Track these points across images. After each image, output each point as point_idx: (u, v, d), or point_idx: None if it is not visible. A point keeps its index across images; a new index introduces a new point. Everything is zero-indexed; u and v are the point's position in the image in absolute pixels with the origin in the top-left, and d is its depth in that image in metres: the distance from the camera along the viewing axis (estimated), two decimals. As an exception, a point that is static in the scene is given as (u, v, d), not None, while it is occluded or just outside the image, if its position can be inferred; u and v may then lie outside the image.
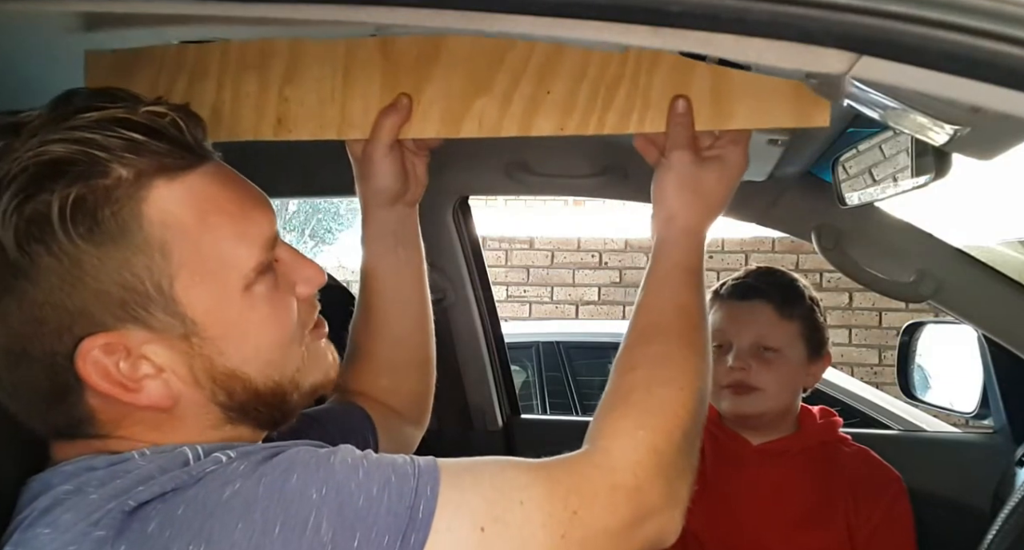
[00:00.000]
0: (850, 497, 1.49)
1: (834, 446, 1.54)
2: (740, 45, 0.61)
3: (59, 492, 0.68)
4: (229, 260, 0.71)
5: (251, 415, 0.76)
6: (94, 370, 0.68)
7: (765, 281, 1.53)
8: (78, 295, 0.67)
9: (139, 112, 0.69)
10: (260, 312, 0.73)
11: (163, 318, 0.69)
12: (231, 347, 0.72)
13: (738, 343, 1.48)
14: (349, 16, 0.67)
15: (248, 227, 0.73)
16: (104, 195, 0.66)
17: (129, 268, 0.67)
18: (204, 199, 0.71)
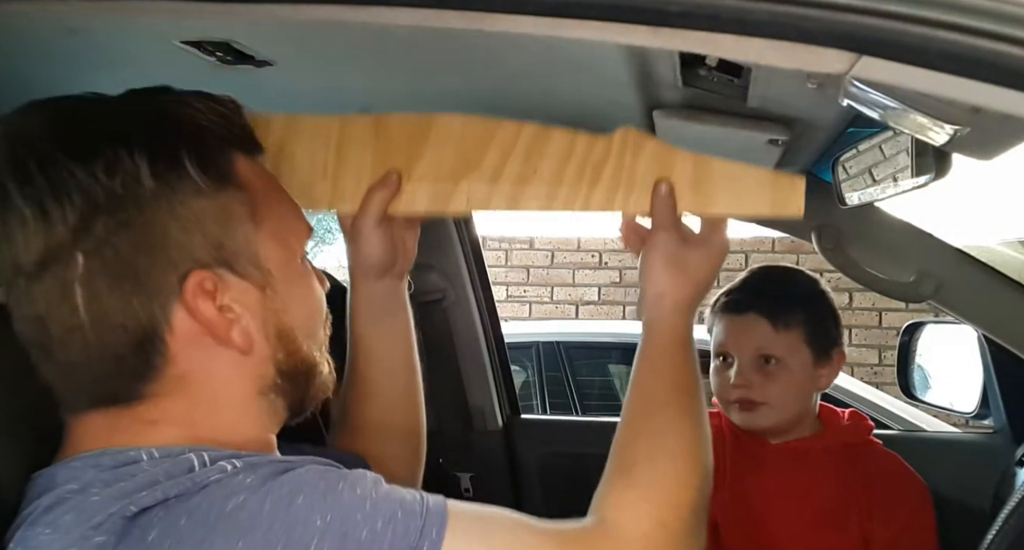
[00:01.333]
0: (865, 502, 1.49)
1: (860, 449, 1.53)
2: (740, 45, 0.61)
3: (63, 491, 0.69)
4: (293, 227, 0.82)
5: (291, 387, 0.81)
6: (197, 303, 0.73)
7: (757, 292, 1.52)
8: (190, 231, 0.73)
9: (219, 96, 0.80)
10: (308, 282, 0.83)
11: (248, 267, 0.77)
12: (292, 306, 0.80)
13: (739, 357, 1.48)
14: (349, 16, 0.67)
15: (298, 209, 0.85)
16: (215, 151, 0.76)
17: (229, 213, 0.76)
18: (268, 176, 0.83)
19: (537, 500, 1.81)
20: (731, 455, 1.53)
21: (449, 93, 1.25)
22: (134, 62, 1.04)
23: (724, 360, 1.50)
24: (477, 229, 1.81)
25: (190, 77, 1.05)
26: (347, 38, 0.95)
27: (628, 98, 1.11)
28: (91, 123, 0.73)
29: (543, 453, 1.82)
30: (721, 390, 1.50)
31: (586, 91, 1.18)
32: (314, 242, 10.89)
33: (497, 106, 1.34)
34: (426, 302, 1.75)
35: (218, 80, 1.03)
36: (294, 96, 1.21)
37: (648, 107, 1.15)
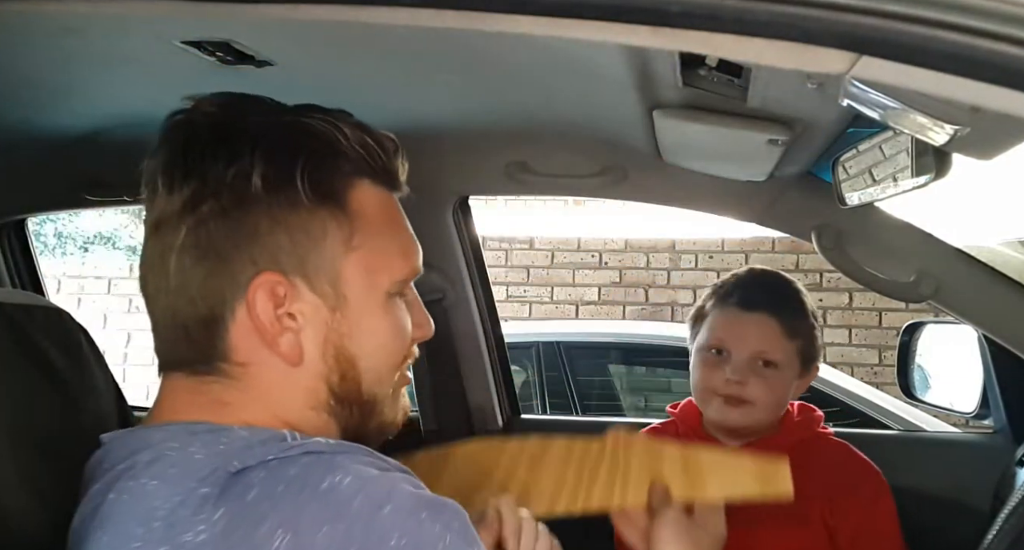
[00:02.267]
0: (824, 495, 1.48)
1: (813, 443, 1.52)
2: (740, 45, 0.61)
3: (163, 448, 0.73)
4: (388, 263, 0.82)
5: (345, 413, 0.82)
6: (258, 300, 0.76)
7: (771, 292, 1.50)
8: (279, 235, 0.77)
9: (377, 131, 0.84)
10: (389, 320, 0.83)
11: (325, 285, 0.78)
12: (360, 335, 0.81)
13: (737, 354, 1.46)
14: (349, 16, 0.67)
15: (409, 247, 0.86)
16: (330, 170, 0.79)
17: (323, 229, 0.78)
18: (390, 210, 0.85)
19: (537, 500, 1.81)
20: None
21: (449, 93, 1.25)
22: (134, 62, 1.04)
23: (718, 353, 1.49)
24: (477, 229, 1.81)
25: (190, 77, 1.05)
26: (347, 38, 0.95)
27: (628, 98, 1.11)
28: (238, 118, 0.79)
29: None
30: (708, 383, 1.48)
31: (586, 91, 1.18)
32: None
33: (497, 106, 1.34)
34: (426, 302, 1.74)
35: (218, 80, 1.03)
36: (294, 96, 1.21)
37: (648, 107, 1.15)
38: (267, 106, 0.81)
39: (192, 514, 0.68)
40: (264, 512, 0.68)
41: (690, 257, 5.77)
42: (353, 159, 0.81)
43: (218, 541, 0.67)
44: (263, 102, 0.82)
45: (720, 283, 1.54)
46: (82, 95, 1.17)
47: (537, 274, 5.99)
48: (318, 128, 0.79)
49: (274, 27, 0.90)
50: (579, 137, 1.49)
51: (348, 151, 0.80)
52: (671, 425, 1.59)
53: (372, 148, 0.82)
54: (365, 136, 0.82)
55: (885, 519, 1.48)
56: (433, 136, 1.50)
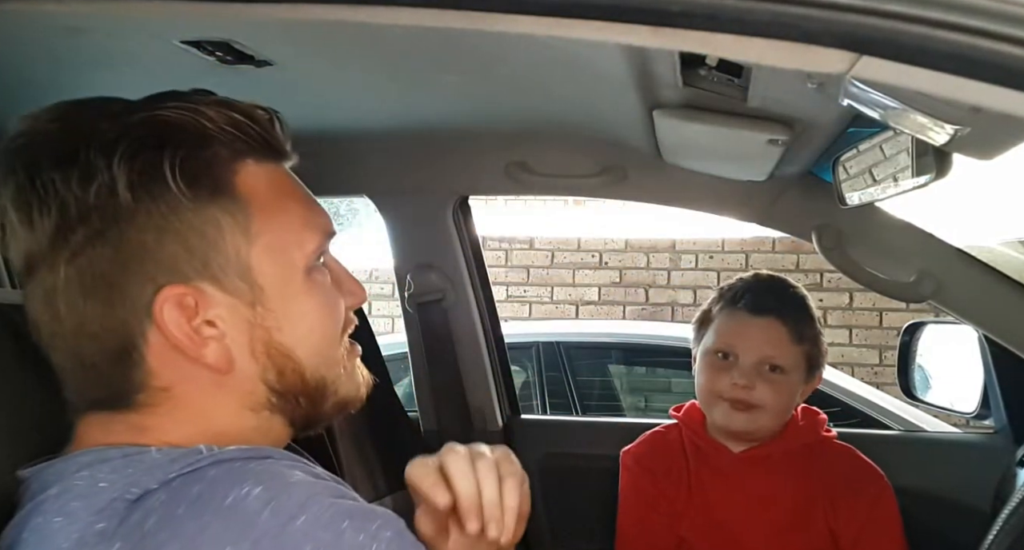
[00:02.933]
0: (828, 499, 1.48)
1: (817, 447, 1.53)
2: (740, 45, 0.61)
3: (72, 479, 0.69)
4: (296, 239, 0.76)
5: (289, 406, 0.77)
6: (168, 318, 0.71)
7: (779, 297, 1.50)
8: (169, 244, 0.71)
9: (244, 103, 0.75)
10: (316, 298, 0.77)
11: (236, 282, 0.73)
12: (288, 323, 0.75)
13: (744, 358, 1.46)
14: (349, 16, 0.67)
15: (313, 216, 0.79)
16: (206, 160, 0.72)
17: (216, 226, 0.72)
18: (282, 184, 0.78)
19: (537, 500, 1.81)
20: (693, 469, 1.53)
21: (449, 93, 1.25)
22: (134, 62, 1.04)
23: (725, 357, 1.49)
24: (477, 229, 1.81)
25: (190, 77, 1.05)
26: (347, 38, 0.95)
27: (628, 98, 1.11)
28: (82, 129, 0.71)
29: (543, 453, 1.82)
30: (715, 386, 1.48)
31: (586, 91, 1.18)
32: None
33: (497, 106, 1.34)
34: (426, 302, 1.75)
35: (218, 80, 1.03)
36: (294, 96, 1.21)
37: (648, 107, 1.15)
38: (112, 107, 0.73)
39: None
40: (162, 541, 0.63)
41: (690, 257, 5.77)
42: (226, 141, 0.73)
43: None
44: (107, 103, 0.74)
45: (727, 287, 1.54)
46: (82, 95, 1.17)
47: (537, 274, 5.99)
48: (177, 118, 0.71)
49: (274, 27, 0.90)
50: (579, 137, 1.49)
51: (218, 134, 0.73)
52: (674, 428, 1.59)
53: (244, 124, 0.74)
54: (232, 113, 0.74)
55: (888, 522, 1.48)
56: (433, 136, 1.50)
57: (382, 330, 5.31)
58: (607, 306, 5.91)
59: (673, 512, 1.52)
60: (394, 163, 1.60)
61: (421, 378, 1.82)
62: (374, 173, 1.64)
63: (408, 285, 1.75)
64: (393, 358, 1.83)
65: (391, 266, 1.78)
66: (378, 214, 1.74)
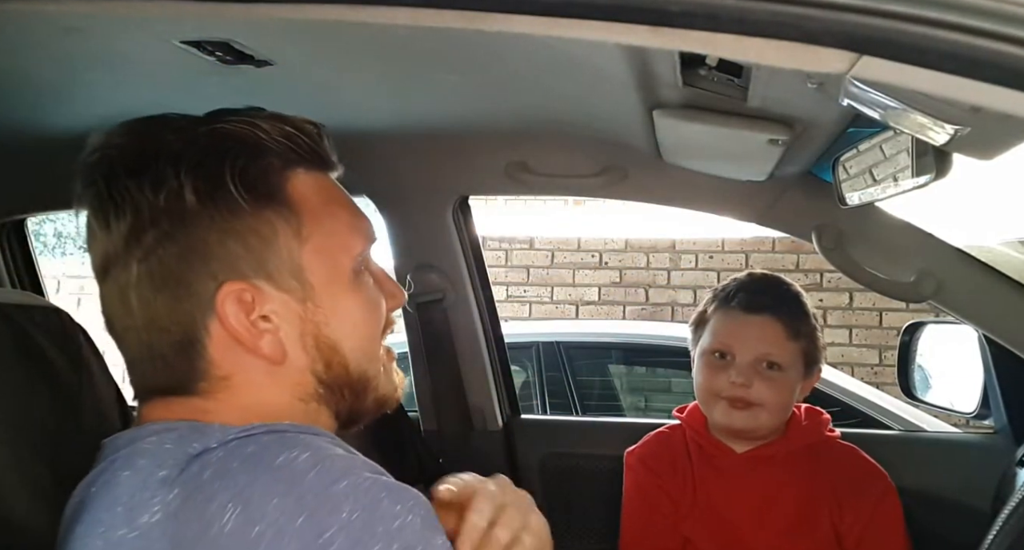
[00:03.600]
0: (833, 499, 1.48)
1: (820, 447, 1.53)
2: (740, 45, 0.61)
3: (142, 443, 0.75)
4: (343, 243, 0.83)
5: (335, 397, 0.84)
6: (229, 312, 0.77)
7: (773, 294, 1.50)
8: (230, 244, 0.77)
9: (295, 118, 0.83)
10: (361, 296, 0.84)
11: (289, 280, 0.79)
12: (335, 319, 0.81)
13: (741, 356, 1.46)
14: (349, 16, 0.67)
15: (358, 222, 0.86)
16: (262, 168, 0.79)
17: (272, 228, 0.79)
18: (329, 191, 0.85)
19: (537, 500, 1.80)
20: (697, 469, 1.53)
21: (449, 93, 1.25)
22: (134, 62, 1.04)
23: (722, 357, 1.49)
24: (477, 229, 1.81)
25: (190, 77, 1.05)
26: (347, 38, 0.95)
27: (628, 98, 1.11)
28: (152, 142, 0.78)
29: (543, 453, 1.82)
30: (713, 386, 1.48)
31: (586, 91, 1.18)
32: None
33: (497, 106, 1.34)
34: (426, 302, 1.75)
35: (218, 80, 1.03)
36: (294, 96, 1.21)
37: (648, 107, 1.15)
38: (178, 122, 0.81)
39: (151, 496, 0.70)
40: (216, 489, 0.69)
41: (690, 257, 5.77)
42: (280, 152, 0.81)
43: (171, 520, 0.68)
44: (172, 119, 0.81)
45: (721, 287, 1.54)
46: (82, 95, 1.17)
47: (537, 274, 5.99)
48: (237, 130, 0.79)
49: (274, 27, 0.90)
50: (579, 137, 1.49)
51: (273, 145, 0.80)
52: (678, 429, 1.59)
53: (295, 136, 0.82)
54: (285, 126, 0.82)
55: (892, 522, 1.48)
56: (433, 136, 1.50)
57: (382, 330, 5.29)
58: (607, 306, 5.91)
59: (677, 513, 1.52)
60: (394, 163, 1.60)
61: (421, 378, 1.82)
62: (374, 173, 1.64)
63: (408, 285, 1.75)
64: (393, 358, 1.83)
65: (391, 266, 1.78)
66: (378, 214, 1.74)
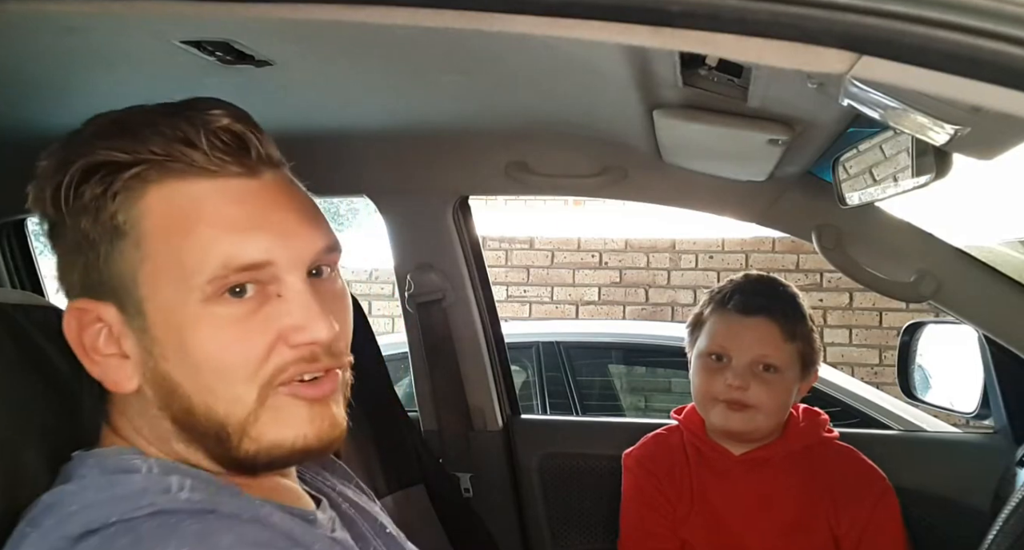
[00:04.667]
0: (830, 502, 1.48)
1: (818, 448, 1.53)
2: (740, 45, 0.61)
3: (62, 492, 0.72)
4: (193, 264, 0.71)
5: (200, 443, 0.75)
6: (68, 331, 0.74)
7: (769, 296, 1.50)
8: (75, 257, 0.74)
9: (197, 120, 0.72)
10: (210, 331, 0.72)
11: (131, 306, 0.73)
12: (175, 355, 0.72)
13: (737, 359, 1.46)
14: (349, 16, 0.67)
15: (234, 244, 0.72)
16: (122, 187, 0.72)
17: (118, 248, 0.72)
18: (201, 206, 0.72)
19: (537, 500, 1.81)
20: (695, 471, 1.53)
21: (449, 93, 1.25)
22: (134, 62, 1.04)
23: (718, 359, 1.49)
24: (477, 229, 1.81)
25: (190, 77, 1.05)
26: (347, 38, 0.95)
27: (628, 98, 1.11)
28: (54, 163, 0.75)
29: (543, 453, 1.82)
30: (710, 389, 1.48)
31: (586, 91, 1.18)
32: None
33: (497, 106, 1.34)
34: (426, 302, 1.75)
35: (218, 80, 1.03)
36: (294, 96, 1.21)
37: (648, 107, 1.15)
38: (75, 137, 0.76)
39: None
40: None
41: (690, 257, 5.76)
42: (156, 162, 0.72)
43: None
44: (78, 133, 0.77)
45: (717, 289, 1.54)
46: (82, 95, 1.17)
47: (537, 274, 5.99)
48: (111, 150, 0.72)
49: (274, 27, 0.90)
50: (579, 137, 1.49)
51: (151, 157, 0.72)
52: (675, 430, 1.59)
53: (178, 150, 0.72)
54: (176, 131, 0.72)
55: (890, 524, 1.48)
56: (433, 136, 1.50)
57: (382, 330, 5.31)
58: (607, 306, 5.91)
59: (675, 514, 1.52)
60: (394, 163, 1.60)
61: (421, 378, 1.82)
62: (374, 173, 1.64)
63: (408, 285, 1.75)
64: (393, 358, 1.83)
65: (391, 266, 1.78)
66: (378, 214, 1.74)
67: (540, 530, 1.80)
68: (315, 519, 0.82)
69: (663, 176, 1.50)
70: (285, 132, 1.33)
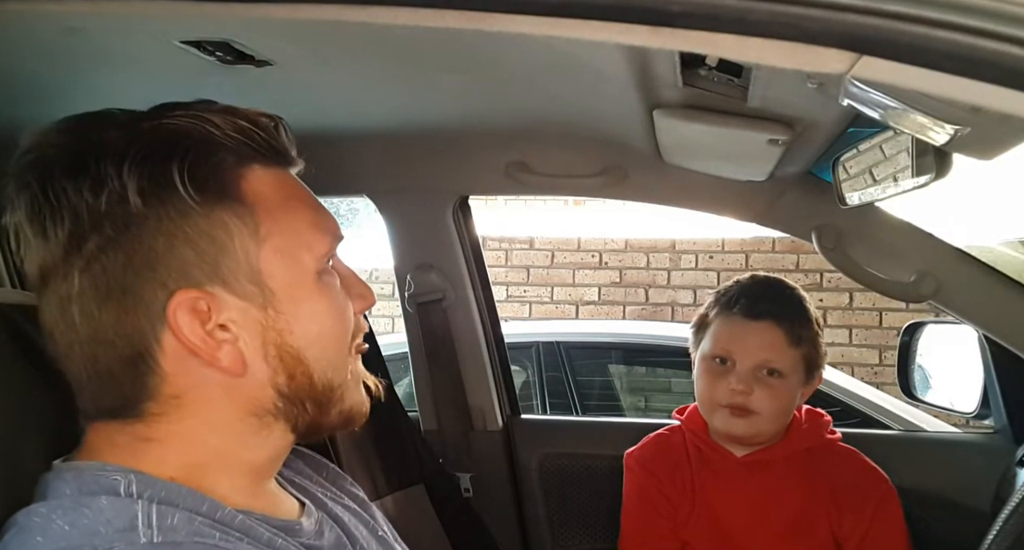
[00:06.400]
0: (833, 504, 1.48)
1: (820, 450, 1.52)
2: (740, 45, 0.61)
3: (32, 514, 0.70)
4: (305, 242, 0.77)
5: (295, 411, 0.78)
6: (182, 322, 0.72)
7: (775, 300, 1.49)
8: (180, 249, 0.72)
9: (249, 110, 0.77)
10: (327, 300, 0.78)
11: (247, 285, 0.74)
12: (299, 326, 0.76)
13: (741, 363, 1.45)
14: (349, 16, 0.67)
15: (322, 220, 0.80)
16: (213, 165, 0.73)
17: (225, 229, 0.73)
18: (289, 188, 0.79)
19: (537, 500, 1.81)
20: (696, 472, 1.53)
21: (449, 93, 1.25)
22: (134, 62, 1.04)
23: (722, 363, 1.48)
24: (477, 229, 1.81)
25: (190, 77, 1.05)
26: (347, 38, 0.95)
27: (628, 98, 1.11)
28: (90, 140, 0.72)
29: (543, 453, 1.82)
30: (713, 392, 1.48)
31: (586, 91, 1.18)
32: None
33: (497, 106, 1.34)
34: (426, 302, 1.75)
35: (218, 80, 1.03)
36: (294, 96, 1.21)
37: (648, 107, 1.15)
38: (121, 118, 0.74)
39: None
40: None
41: (690, 257, 5.76)
42: (233, 147, 0.74)
43: None
44: (114, 115, 0.75)
45: (723, 290, 1.53)
46: (82, 95, 1.17)
47: (537, 274, 5.99)
48: (185, 126, 0.73)
49: (274, 27, 0.90)
50: (579, 137, 1.49)
51: (225, 140, 0.74)
52: (677, 431, 1.59)
53: (249, 130, 0.75)
54: (238, 120, 0.75)
55: (892, 526, 1.48)
56: (433, 136, 1.50)
57: (382, 330, 5.31)
58: (607, 306, 5.91)
59: (676, 515, 1.52)
60: (394, 163, 1.60)
61: (421, 378, 1.82)
62: (374, 173, 1.64)
63: (408, 285, 1.75)
64: (393, 358, 1.83)
65: (391, 266, 1.78)
66: (378, 214, 1.74)
67: (540, 530, 1.80)
68: (299, 528, 0.81)
69: (663, 176, 1.50)
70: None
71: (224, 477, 0.77)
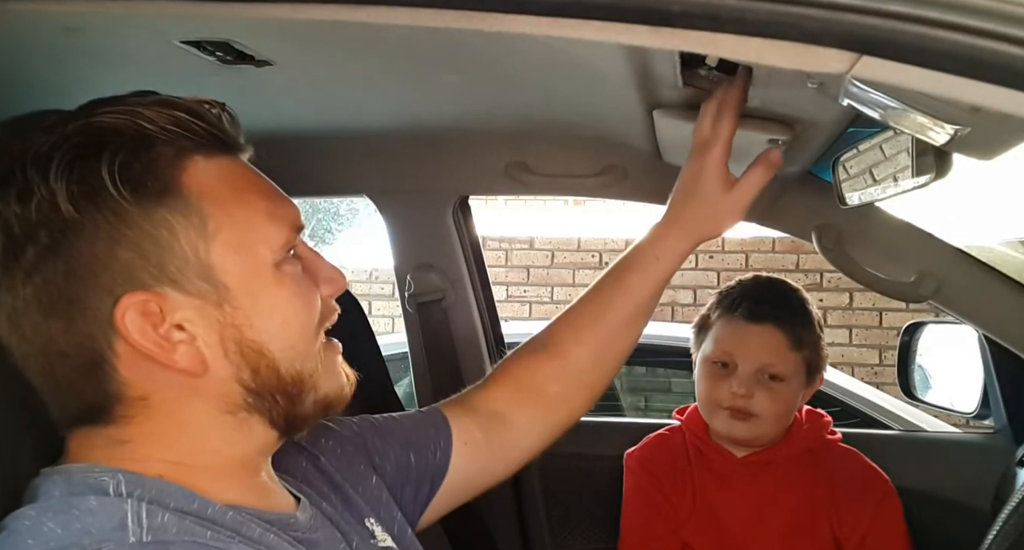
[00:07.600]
0: (832, 505, 1.48)
1: (821, 451, 1.52)
2: (741, 45, 0.61)
3: (22, 518, 0.69)
4: (259, 234, 0.75)
5: (266, 405, 0.77)
6: (132, 327, 0.70)
7: (777, 303, 1.48)
8: (122, 252, 0.69)
9: (187, 100, 0.74)
10: (287, 291, 0.76)
11: (198, 283, 0.72)
12: (259, 320, 0.74)
13: (743, 366, 1.45)
14: (349, 16, 0.67)
15: (277, 208, 0.77)
16: (148, 163, 0.70)
17: (169, 227, 0.70)
18: (239, 178, 0.76)
19: (537, 500, 1.81)
20: (696, 473, 1.53)
21: (449, 93, 1.25)
22: (134, 62, 1.03)
23: (724, 366, 1.48)
24: (477, 229, 1.81)
25: (190, 77, 1.05)
26: (347, 38, 0.95)
27: (628, 98, 1.11)
28: (13, 147, 0.69)
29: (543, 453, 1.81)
30: (714, 395, 1.47)
31: (586, 91, 1.18)
32: (314, 242, 10.72)
33: (497, 106, 1.34)
34: (426, 302, 1.75)
35: (218, 80, 1.03)
36: (294, 96, 1.21)
37: (648, 107, 1.15)
38: (49, 120, 0.71)
39: None
40: None
41: (690, 257, 5.76)
42: (169, 140, 0.71)
43: None
44: (41, 116, 0.72)
45: (725, 291, 1.53)
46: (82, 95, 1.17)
47: (537, 274, 5.99)
48: (114, 122, 0.70)
49: (274, 27, 0.90)
50: (579, 137, 1.49)
51: (160, 134, 0.71)
52: (677, 431, 1.59)
53: (186, 121, 0.72)
54: (175, 111, 0.72)
55: (893, 527, 1.48)
56: (433, 136, 1.50)
57: (382, 330, 5.31)
58: (607, 306, 5.89)
59: (676, 515, 1.52)
60: (394, 163, 1.60)
61: (421, 378, 1.81)
62: (374, 173, 1.64)
63: (408, 285, 1.74)
64: (393, 358, 1.83)
65: (391, 266, 1.78)
66: (378, 214, 1.74)
67: (540, 530, 1.80)
68: (294, 521, 0.81)
69: (663, 176, 1.49)
70: (285, 132, 1.34)
71: (210, 473, 0.76)
